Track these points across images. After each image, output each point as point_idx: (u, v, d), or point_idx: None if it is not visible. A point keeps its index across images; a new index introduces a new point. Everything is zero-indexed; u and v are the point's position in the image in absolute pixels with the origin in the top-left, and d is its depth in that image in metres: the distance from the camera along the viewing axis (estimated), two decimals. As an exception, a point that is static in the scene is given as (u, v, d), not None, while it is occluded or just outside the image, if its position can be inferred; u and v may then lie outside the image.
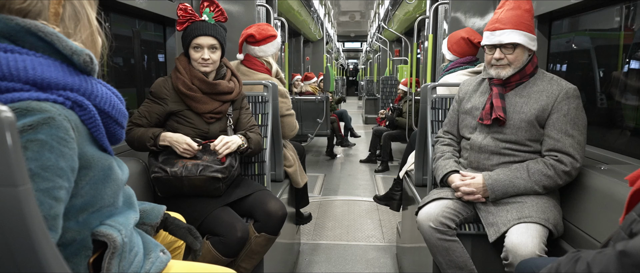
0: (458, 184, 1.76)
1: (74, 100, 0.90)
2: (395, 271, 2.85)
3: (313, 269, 2.87)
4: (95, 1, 1.04)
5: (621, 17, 2.01)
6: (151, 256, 1.11)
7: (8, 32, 0.87)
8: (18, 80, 0.84)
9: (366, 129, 9.94)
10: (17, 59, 0.84)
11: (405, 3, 5.98)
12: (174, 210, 1.67)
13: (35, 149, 0.81)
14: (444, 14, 3.26)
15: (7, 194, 0.63)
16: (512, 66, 1.76)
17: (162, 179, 1.73)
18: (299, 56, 9.80)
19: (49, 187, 0.83)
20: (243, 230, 1.73)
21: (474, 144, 1.84)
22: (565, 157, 1.67)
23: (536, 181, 1.67)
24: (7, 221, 0.64)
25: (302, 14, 7.31)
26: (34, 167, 0.81)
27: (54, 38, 0.89)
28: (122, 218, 1.05)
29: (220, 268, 1.35)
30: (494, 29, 1.77)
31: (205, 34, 1.83)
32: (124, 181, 1.09)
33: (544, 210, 1.65)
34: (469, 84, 1.99)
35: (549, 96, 1.72)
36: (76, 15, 0.97)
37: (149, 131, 1.78)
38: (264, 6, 3.34)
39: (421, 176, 2.39)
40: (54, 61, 0.90)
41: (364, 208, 4.23)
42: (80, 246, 0.95)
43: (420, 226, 1.75)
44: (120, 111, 1.03)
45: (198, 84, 1.85)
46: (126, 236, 1.01)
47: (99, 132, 0.96)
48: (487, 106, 1.80)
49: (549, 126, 1.72)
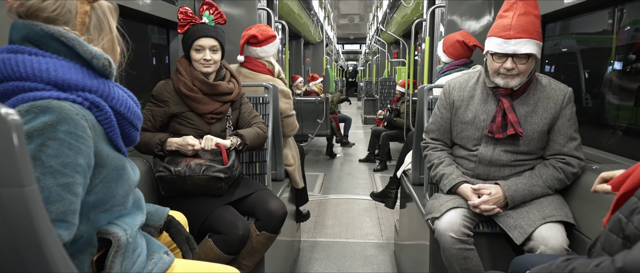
0: (476, 203, 1.67)
1: (92, 101, 0.94)
2: (393, 268, 2.86)
3: (313, 266, 2.87)
4: (116, 12, 1.09)
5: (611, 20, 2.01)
6: (154, 257, 1.11)
7: (33, 37, 0.91)
8: (40, 80, 0.88)
9: (365, 130, 9.94)
10: (40, 61, 0.89)
11: (402, 6, 5.98)
12: (177, 208, 1.68)
13: (55, 147, 0.84)
14: (441, 17, 3.26)
15: (14, 194, 0.63)
16: (521, 75, 1.64)
17: (167, 178, 1.73)
18: (300, 58, 9.81)
19: (69, 183, 0.86)
20: (244, 229, 1.73)
21: (483, 157, 1.75)
22: (572, 160, 1.69)
23: (550, 185, 1.68)
24: (14, 220, 0.64)
25: (302, 16, 7.31)
26: (54, 164, 0.84)
27: (75, 43, 0.93)
28: (129, 218, 1.06)
29: (223, 267, 1.35)
30: (508, 37, 1.60)
31: (207, 35, 1.85)
32: (135, 183, 1.11)
33: (562, 207, 1.66)
34: (461, 87, 1.84)
35: (555, 102, 1.69)
36: (100, 25, 1.03)
37: (155, 137, 1.78)
38: (265, 9, 3.35)
39: (418, 175, 2.39)
40: (75, 64, 0.94)
41: (363, 207, 4.23)
42: (86, 243, 0.96)
43: (440, 236, 1.66)
44: (134, 114, 1.06)
45: (199, 86, 1.86)
46: (131, 237, 1.02)
47: (114, 132, 0.99)
48: (498, 119, 1.68)
49: (555, 132, 1.70)
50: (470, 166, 1.81)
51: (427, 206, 1.84)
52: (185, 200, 1.81)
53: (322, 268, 2.85)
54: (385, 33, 8.81)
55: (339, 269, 2.83)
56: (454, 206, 1.70)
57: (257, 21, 3.16)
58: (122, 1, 1.92)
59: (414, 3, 5.23)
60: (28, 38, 0.92)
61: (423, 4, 4.01)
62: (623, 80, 1.96)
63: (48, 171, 0.84)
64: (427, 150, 1.95)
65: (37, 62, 0.89)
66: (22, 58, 0.89)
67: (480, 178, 1.79)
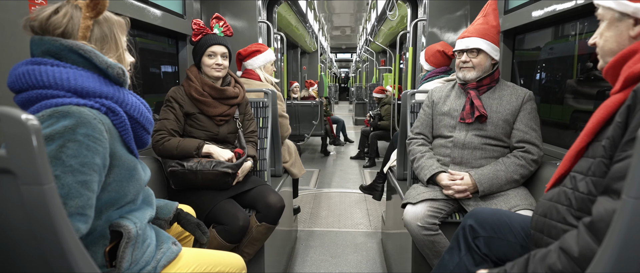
0: (449, 183, 1.74)
1: (108, 106, 0.95)
2: (380, 254, 2.86)
3: (309, 253, 2.87)
4: (126, 26, 1.09)
5: (574, 31, 2.03)
6: (163, 247, 1.11)
7: (53, 50, 0.93)
8: (61, 88, 0.90)
9: (356, 130, 9.95)
10: (61, 71, 0.91)
11: (389, 20, 5.99)
12: (185, 202, 1.67)
13: (74, 148, 0.85)
14: (423, 29, 3.27)
15: (34, 192, 0.63)
16: (475, 69, 1.82)
17: (179, 172, 1.72)
18: (297, 66, 9.80)
19: (87, 180, 0.86)
20: (244, 219, 1.73)
21: (457, 141, 1.83)
22: (531, 147, 1.74)
23: (513, 170, 1.72)
24: (34, 215, 0.64)
25: (299, 28, 7.31)
26: (74, 163, 0.84)
27: (92, 54, 0.94)
28: (139, 213, 1.06)
29: (226, 253, 1.35)
30: (463, 37, 1.85)
31: (219, 43, 1.88)
32: (146, 182, 1.11)
33: (526, 197, 1.70)
34: (441, 90, 2.00)
35: (517, 98, 1.80)
36: (103, 38, 1.02)
37: (193, 143, 1.77)
38: (265, 22, 3.34)
39: (402, 171, 2.39)
40: (92, 74, 0.95)
41: (354, 199, 4.23)
42: (99, 235, 0.96)
43: (407, 225, 1.72)
44: (146, 118, 1.07)
45: (208, 90, 1.86)
46: (140, 229, 1.01)
47: (128, 135, 1.00)
48: (467, 107, 1.82)
49: (518, 122, 1.79)
50: (447, 152, 1.87)
51: (405, 194, 1.88)
52: (192, 193, 1.80)
53: (317, 254, 2.85)
54: (374, 43, 8.82)
55: (332, 255, 2.83)
56: (429, 197, 1.74)
57: (257, 33, 3.16)
58: (136, 15, 1.92)
59: (399, 17, 5.23)
60: (48, 52, 0.93)
61: (407, 18, 4.02)
62: (583, 85, 1.98)
63: (68, 169, 0.84)
64: (411, 145, 2.02)
65: (58, 72, 0.90)
66: (45, 69, 0.90)
67: (455, 162, 1.84)
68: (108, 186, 0.96)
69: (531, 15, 2.04)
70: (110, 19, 1.03)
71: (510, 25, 2.27)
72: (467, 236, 1.23)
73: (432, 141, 2.00)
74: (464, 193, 1.72)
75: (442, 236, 1.69)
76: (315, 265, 2.69)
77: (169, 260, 1.10)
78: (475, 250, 1.20)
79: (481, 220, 1.22)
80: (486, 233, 1.19)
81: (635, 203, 0.59)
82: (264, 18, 3.39)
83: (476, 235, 1.21)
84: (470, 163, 1.80)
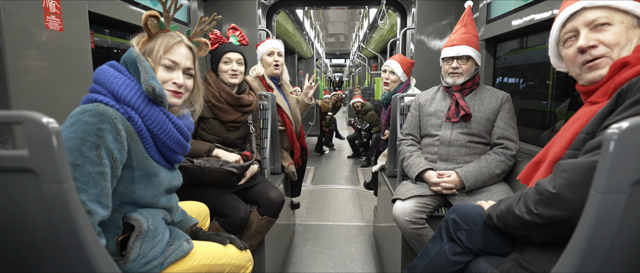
0: (437, 181, 1.76)
1: (129, 114, 0.99)
2: (372, 245, 2.88)
3: (306, 245, 2.88)
4: (187, 49, 1.17)
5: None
6: (174, 244, 1.09)
7: (128, 60, 1.03)
8: (105, 88, 0.98)
9: (349, 130, 9.96)
10: (115, 76, 0.99)
11: (379, 28, 6.01)
12: (191, 197, 1.68)
13: (94, 141, 0.89)
14: (411, 37, 3.29)
15: (54, 189, 0.63)
16: (464, 74, 1.86)
17: (187, 168, 1.72)
18: (294, 70, 9.80)
19: (103, 171, 0.90)
20: (245, 212, 1.74)
21: (443, 139, 1.85)
22: (510, 143, 1.78)
23: (495, 166, 1.75)
24: (54, 211, 0.64)
25: (296, 36, 7.31)
26: (92, 155, 0.88)
27: (142, 70, 1.02)
28: (154, 210, 1.06)
29: (237, 252, 1.33)
30: (452, 45, 1.87)
31: (235, 50, 1.89)
32: (170, 188, 1.13)
33: (508, 192, 1.73)
34: (426, 94, 2.03)
35: (497, 99, 1.85)
36: (150, 53, 1.12)
37: (204, 146, 1.78)
38: (265, 30, 3.35)
39: (392, 169, 2.41)
40: (139, 87, 1.02)
41: (348, 195, 4.25)
42: (112, 225, 0.97)
43: (396, 219, 1.74)
44: (171, 138, 1.07)
45: (225, 97, 1.86)
46: (152, 224, 1.02)
47: (147, 143, 1.03)
48: (452, 107, 1.85)
49: (498, 120, 1.82)
50: (434, 150, 1.89)
51: (395, 190, 1.89)
52: (197, 188, 1.80)
53: (313, 246, 2.86)
54: (366, 50, 8.85)
55: (328, 247, 2.85)
56: (417, 194, 1.76)
57: (257, 40, 3.16)
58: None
59: (389, 25, 5.26)
60: (125, 60, 1.03)
61: (397, 26, 4.04)
62: (558, 89, 2.01)
63: (87, 161, 0.86)
64: (401, 146, 2.05)
65: (112, 76, 0.99)
66: (108, 70, 1.00)
67: (442, 159, 1.85)
68: (121, 180, 0.98)
69: (511, 24, 2.06)
70: (167, 43, 1.13)
71: (492, 34, 2.29)
72: (449, 229, 1.25)
73: (420, 141, 2.02)
74: (451, 190, 1.74)
75: (429, 229, 1.71)
76: (312, 256, 2.70)
77: (177, 258, 1.08)
78: (457, 242, 1.22)
79: (463, 215, 1.23)
80: (467, 226, 1.21)
81: (602, 198, 0.59)
82: (264, 26, 3.39)
83: (458, 228, 1.23)
84: (456, 159, 1.82)
